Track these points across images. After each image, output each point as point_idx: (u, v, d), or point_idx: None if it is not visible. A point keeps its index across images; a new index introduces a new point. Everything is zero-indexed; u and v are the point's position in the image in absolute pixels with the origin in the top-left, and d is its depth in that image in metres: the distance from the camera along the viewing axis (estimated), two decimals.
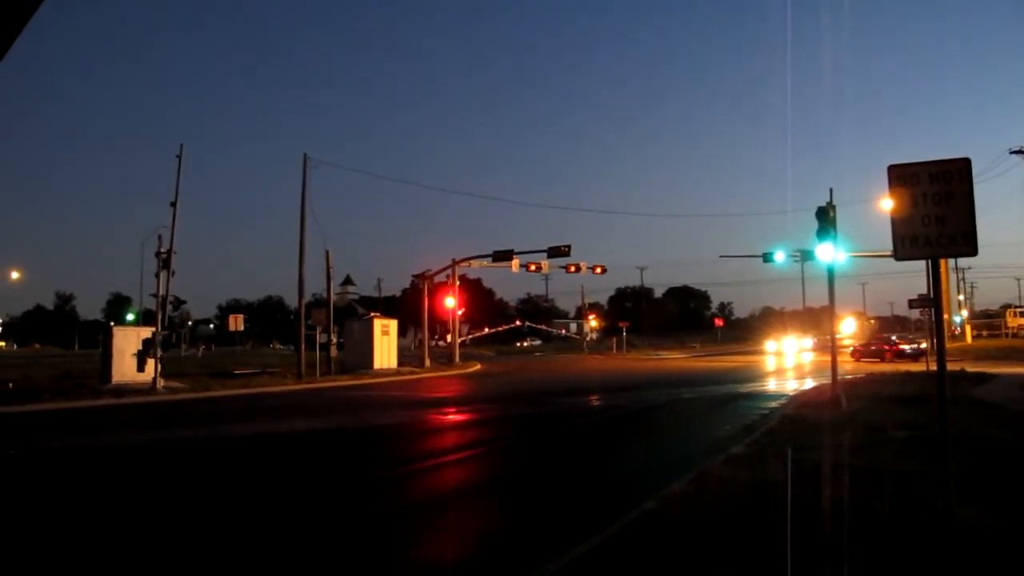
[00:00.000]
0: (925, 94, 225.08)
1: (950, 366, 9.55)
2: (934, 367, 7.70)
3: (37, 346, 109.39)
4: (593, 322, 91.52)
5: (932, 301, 24.11)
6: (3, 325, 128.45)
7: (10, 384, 28.02)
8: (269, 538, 7.68)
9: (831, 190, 18.95)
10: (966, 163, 7.12)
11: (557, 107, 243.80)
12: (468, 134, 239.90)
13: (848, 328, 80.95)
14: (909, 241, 7.22)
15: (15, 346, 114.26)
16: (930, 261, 7.74)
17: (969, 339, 68.63)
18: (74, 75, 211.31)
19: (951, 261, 60.47)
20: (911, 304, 33.23)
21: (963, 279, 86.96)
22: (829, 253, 18.54)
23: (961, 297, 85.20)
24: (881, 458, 9.88)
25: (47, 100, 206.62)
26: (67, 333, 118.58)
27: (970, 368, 29.09)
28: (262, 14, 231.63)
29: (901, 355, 42.95)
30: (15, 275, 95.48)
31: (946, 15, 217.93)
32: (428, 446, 15.27)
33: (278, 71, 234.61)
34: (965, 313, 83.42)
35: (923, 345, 42.88)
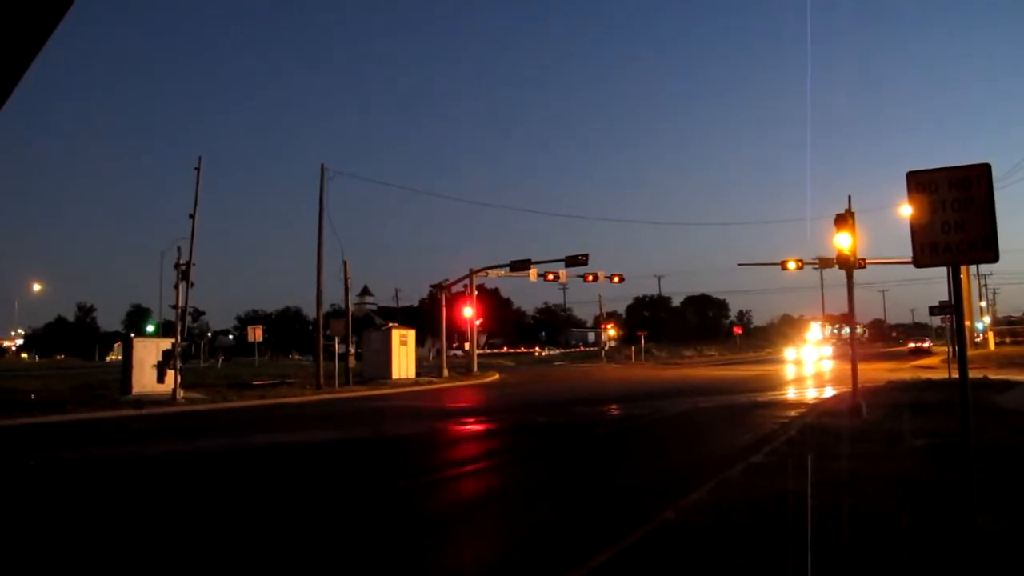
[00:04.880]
0: (944, 101, 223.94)
1: (972, 373, 9.45)
2: (956, 374, 7.63)
3: (60, 357, 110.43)
4: (611, 331, 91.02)
5: (953, 308, 23.88)
6: (25, 337, 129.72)
7: (32, 395, 28.29)
8: (292, 549, 7.70)
9: (849, 197, 18.84)
10: (986, 169, 7.06)
11: (575, 118, 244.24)
12: (486, 145, 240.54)
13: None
14: (929, 248, 7.16)
15: (37, 357, 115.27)
16: (950, 268, 7.65)
17: (992, 346, 67.96)
18: (94, 87, 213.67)
19: (973, 267, 59.97)
20: (932, 311, 32.95)
21: (985, 285, 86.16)
22: (848, 261, 18.41)
23: (983, 303, 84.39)
24: (903, 467, 9.79)
25: (68, 113, 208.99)
26: (88, 344, 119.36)
27: (993, 375, 28.74)
28: (282, 27, 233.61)
29: None
30: (37, 287, 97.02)
31: (965, 23, 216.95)
32: (448, 456, 15.27)
33: (298, 83, 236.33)
34: (987, 319, 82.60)
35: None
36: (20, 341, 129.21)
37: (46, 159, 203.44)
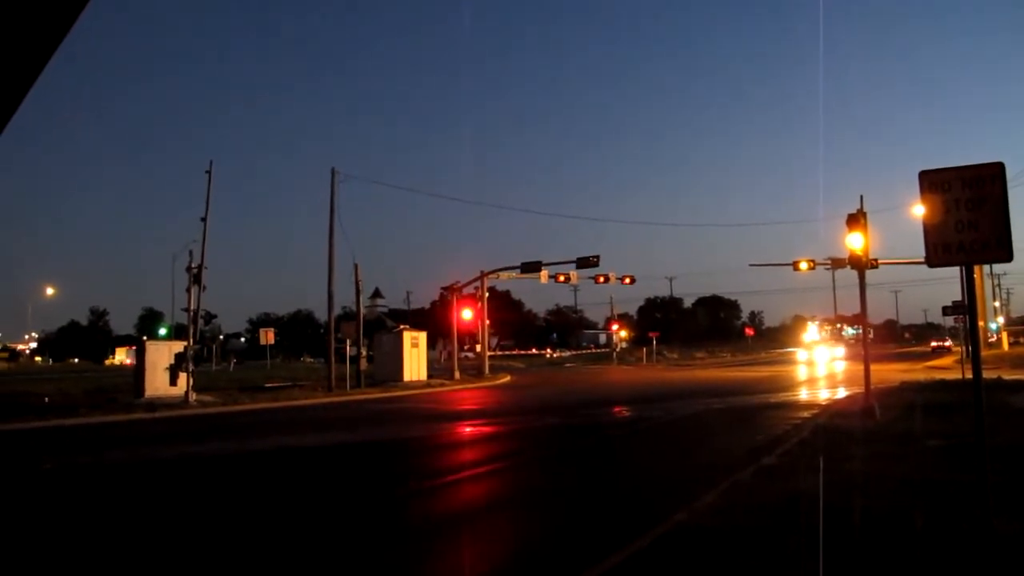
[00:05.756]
0: (956, 102, 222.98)
1: (986, 374, 9.38)
2: (970, 375, 7.58)
3: (74, 361, 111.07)
4: (622, 333, 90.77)
5: (966, 308, 23.70)
6: (39, 341, 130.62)
7: (46, 399, 28.49)
8: (301, 552, 7.72)
9: (862, 197, 18.71)
10: (999, 167, 7.02)
11: (586, 120, 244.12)
12: (497, 147, 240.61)
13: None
14: (942, 248, 7.12)
15: (51, 361, 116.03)
16: (964, 268, 7.60)
17: (1006, 346, 67.59)
18: (106, 90, 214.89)
19: (986, 267, 59.62)
20: (945, 311, 32.76)
21: (999, 285, 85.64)
22: (860, 261, 18.32)
23: (997, 303, 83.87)
24: (916, 468, 9.74)
25: (79, 116, 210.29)
26: (101, 348, 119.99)
27: (1007, 376, 28.49)
28: (292, 30, 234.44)
29: None
30: (50, 292, 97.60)
31: (975, 26, 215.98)
32: (459, 458, 15.27)
33: (308, 85, 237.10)
34: (1001, 320, 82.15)
35: None
36: (34, 345, 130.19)
37: (58, 163, 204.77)
